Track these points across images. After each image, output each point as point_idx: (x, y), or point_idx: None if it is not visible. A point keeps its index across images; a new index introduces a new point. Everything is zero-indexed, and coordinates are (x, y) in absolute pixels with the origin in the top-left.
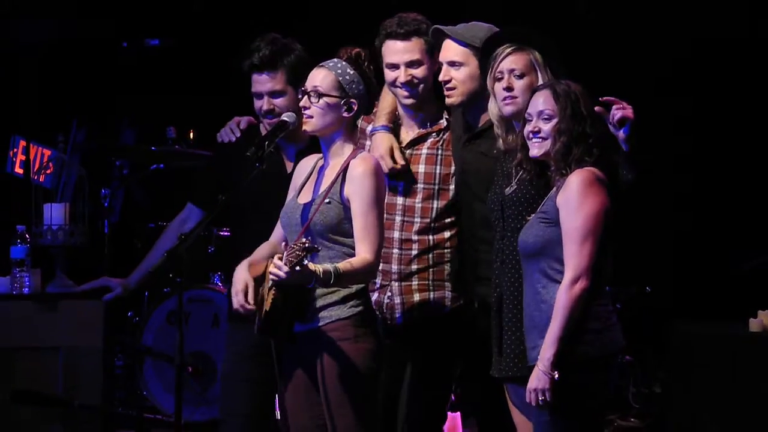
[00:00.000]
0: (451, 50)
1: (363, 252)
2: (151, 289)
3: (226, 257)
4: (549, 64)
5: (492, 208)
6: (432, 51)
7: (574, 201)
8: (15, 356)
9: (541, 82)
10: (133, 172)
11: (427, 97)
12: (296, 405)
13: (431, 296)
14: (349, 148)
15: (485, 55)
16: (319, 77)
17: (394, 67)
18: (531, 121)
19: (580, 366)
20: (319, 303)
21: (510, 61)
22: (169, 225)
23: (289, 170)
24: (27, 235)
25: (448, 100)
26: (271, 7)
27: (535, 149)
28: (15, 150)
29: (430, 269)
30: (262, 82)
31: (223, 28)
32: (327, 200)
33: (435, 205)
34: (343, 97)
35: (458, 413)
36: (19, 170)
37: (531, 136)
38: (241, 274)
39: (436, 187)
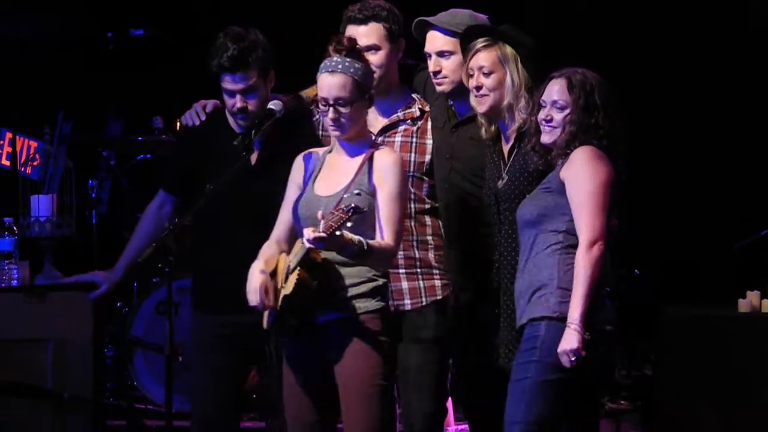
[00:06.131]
0: (438, 40)
1: (387, 238)
2: (140, 279)
3: None
4: (523, 59)
5: (488, 203)
6: (393, 37)
7: (585, 170)
8: (4, 349)
9: (509, 76)
10: (120, 163)
11: (391, 83)
12: (295, 393)
13: (420, 284)
14: (366, 140)
15: (464, 47)
16: (340, 85)
17: None
18: (545, 108)
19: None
20: (350, 293)
21: (479, 57)
22: (146, 212)
23: (253, 161)
24: (14, 227)
25: (438, 88)
26: None
27: (546, 136)
28: (1, 142)
29: (416, 256)
30: (235, 82)
31: (208, 17)
32: (356, 191)
33: (412, 192)
34: (364, 95)
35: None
36: (5, 162)
37: (543, 123)
38: (257, 273)
39: (412, 174)
